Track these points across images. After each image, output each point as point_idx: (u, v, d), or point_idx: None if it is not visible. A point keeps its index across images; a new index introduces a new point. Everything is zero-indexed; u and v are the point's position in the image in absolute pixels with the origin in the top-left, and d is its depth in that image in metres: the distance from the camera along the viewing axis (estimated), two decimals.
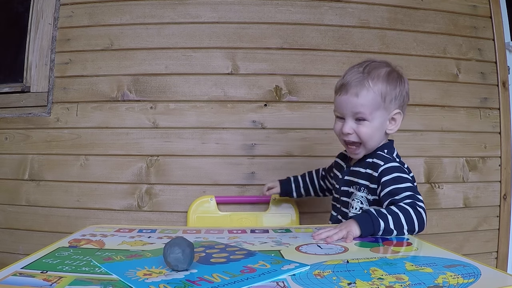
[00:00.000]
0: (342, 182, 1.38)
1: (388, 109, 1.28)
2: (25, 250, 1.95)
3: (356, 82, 1.25)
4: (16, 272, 0.71)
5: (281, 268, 0.72)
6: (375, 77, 1.26)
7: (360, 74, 1.26)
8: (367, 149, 1.31)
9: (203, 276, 0.68)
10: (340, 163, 1.47)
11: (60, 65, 2.02)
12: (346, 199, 1.34)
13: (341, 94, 1.28)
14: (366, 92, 1.24)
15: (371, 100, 1.25)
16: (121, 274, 0.69)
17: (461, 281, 0.66)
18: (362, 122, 1.26)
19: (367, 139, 1.28)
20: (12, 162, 2.00)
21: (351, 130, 1.27)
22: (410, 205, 1.13)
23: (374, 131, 1.28)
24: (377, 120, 1.27)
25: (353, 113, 1.26)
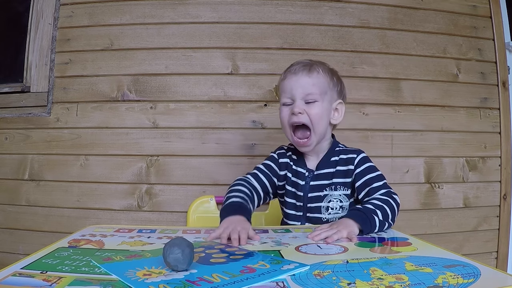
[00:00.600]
0: (308, 188, 1.30)
1: (333, 97, 1.31)
2: (25, 250, 1.95)
3: (306, 66, 1.28)
4: (16, 273, 0.71)
5: (281, 268, 0.72)
6: (322, 66, 1.31)
7: (308, 61, 1.31)
8: (317, 136, 1.28)
9: (203, 276, 0.68)
10: (297, 169, 1.34)
11: (60, 65, 2.02)
12: (317, 204, 1.28)
13: (289, 77, 1.28)
14: (317, 74, 1.27)
15: (321, 82, 1.27)
16: (121, 274, 0.69)
17: (461, 281, 0.66)
18: (313, 103, 1.26)
19: (318, 120, 1.26)
20: (12, 162, 2.00)
21: (302, 110, 1.25)
22: (388, 196, 1.21)
23: (323, 113, 1.28)
24: (325, 103, 1.28)
25: (304, 93, 1.25)
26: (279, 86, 1.34)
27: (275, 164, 1.37)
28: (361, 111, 2.03)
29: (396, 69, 2.07)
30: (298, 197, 1.31)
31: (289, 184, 1.34)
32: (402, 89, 2.07)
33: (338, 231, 1.00)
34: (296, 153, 1.37)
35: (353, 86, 2.03)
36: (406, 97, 2.07)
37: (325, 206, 1.28)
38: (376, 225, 1.09)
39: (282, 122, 1.30)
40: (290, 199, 1.33)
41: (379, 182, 1.25)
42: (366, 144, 2.02)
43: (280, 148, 1.41)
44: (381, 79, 2.05)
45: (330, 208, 1.28)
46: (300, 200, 1.31)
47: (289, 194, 1.34)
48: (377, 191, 1.23)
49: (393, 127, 2.05)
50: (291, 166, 1.35)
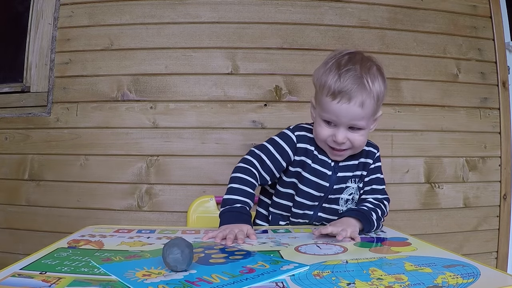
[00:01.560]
0: (334, 180, 1.23)
1: (378, 111, 1.21)
2: (25, 250, 1.95)
3: (359, 89, 1.11)
4: (15, 273, 0.71)
5: (280, 268, 0.72)
6: (373, 79, 1.13)
7: (360, 79, 1.11)
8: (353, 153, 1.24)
9: (202, 277, 0.68)
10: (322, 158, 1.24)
11: (60, 65, 2.02)
12: (337, 195, 1.25)
13: (341, 101, 1.11)
14: (370, 101, 1.12)
15: (372, 109, 1.14)
16: (120, 275, 0.69)
17: (461, 281, 0.66)
18: (358, 130, 1.16)
19: (360, 146, 1.20)
20: (12, 162, 2.00)
21: (345, 139, 1.16)
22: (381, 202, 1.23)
23: (366, 137, 1.21)
24: (370, 126, 1.21)
25: (353, 123, 1.14)
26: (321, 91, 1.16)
27: (290, 146, 1.24)
28: None
29: (396, 69, 2.06)
30: (321, 187, 1.23)
31: (308, 171, 1.22)
32: (402, 89, 2.07)
33: (342, 231, 0.99)
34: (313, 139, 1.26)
35: None
36: (406, 97, 2.07)
37: (344, 198, 1.25)
38: (374, 225, 1.11)
39: (319, 137, 1.20)
40: (309, 188, 1.23)
41: (381, 186, 1.27)
42: None
43: (300, 129, 1.27)
44: None
45: (350, 200, 1.26)
46: (322, 190, 1.23)
47: (309, 182, 1.23)
48: (376, 194, 1.25)
49: (393, 127, 2.05)
50: (312, 153, 1.23)
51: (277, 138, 1.26)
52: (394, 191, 2.03)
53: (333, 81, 1.12)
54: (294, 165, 1.24)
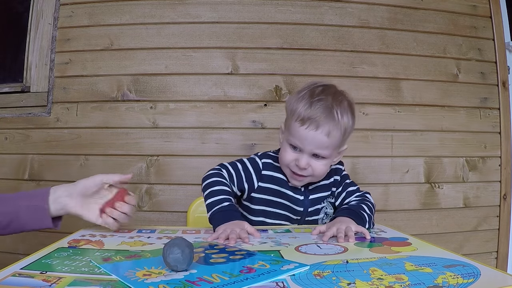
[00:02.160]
0: (307, 203, 1.27)
1: (343, 144, 1.23)
2: (25, 250, 1.94)
3: (328, 119, 1.14)
4: (16, 273, 0.71)
5: (281, 268, 0.72)
6: (343, 113, 1.16)
7: (330, 109, 1.14)
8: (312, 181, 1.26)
9: (203, 277, 0.68)
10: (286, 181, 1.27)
11: (60, 65, 2.02)
12: (315, 217, 1.29)
13: (308, 128, 1.13)
14: (336, 132, 1.15)
15: (337, 141, 1.17)
16: (121, 275, 0.69)
17: (461, 281, 0.66)
18: (321, 159, 1.18)
19: (320, 175, 1.22)
20: (12, 162, 2.00)
21: (307, 165, 1.17)
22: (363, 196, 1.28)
23: (328, 167, 1.22)
24: (333, 156, 1.22)
25: (316, 151, 1.16)
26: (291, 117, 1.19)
27: (256, 171, 1.27)
28: (361, 111, 2.03)
29: (396, 69, 2.07)
30: (296, 212, 1.26)
31: (281, 197, 1.26)
32: (402, 89, 2.07)
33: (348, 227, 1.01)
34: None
35: (353, 86, 2.03)
36: (406, 97, 2.07)
37: (321, 218, 1.30)
38: (366, 219, 1.14)
39: (282, 161, 1.22)
40: (284, 211, 1.27)
41: (354, 187, 1.31)
42: (366, 144, 2.03)
43: (267, 156, 1.31)
44: (381, 79, 2.05)
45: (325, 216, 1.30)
46: (298, 214, 1.27)
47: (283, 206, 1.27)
48: (353, 194, 1.29)
49: (393, 127, 2.05)
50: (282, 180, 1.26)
51: (246, 160, 1.30)
52: (394, 191, 2.04)
53: (304, 108, 1.15)
54: (260, 192, 1.27)
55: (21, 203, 1.03)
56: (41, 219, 1.05)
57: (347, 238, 0.98)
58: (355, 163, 2.02)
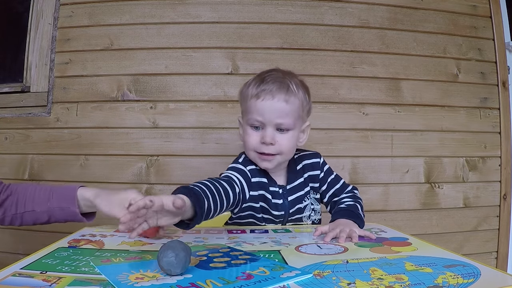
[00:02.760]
0: (287, 205, 1.23)
1: (303, 119, 1.21)
2: (25, 250, 1.94)
3: (283, 87, 1.13)
4: (16, 273, 0.71)
5: (281, 275, 0.70)
6: (297, 84, 1.16)
7: (283, 79, 1.15)
8: (283, 161, 1.21)
9: (195, 282, 0.66)
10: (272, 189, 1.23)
11: (60, 65, 2.02)
12: (298, 215, 1.26)
13: (264, 99, 1.12)
14: (294, 98, 1.14)
15: (297, 109, 1.15)
16: (112, 277, 0.68)
17: (461, 281, 0.66)
18: (286, 132, 1.15)
19: (288, 151, 1.18)
20: (12, 162, 2.00)
21: (274, 140, 1.14)
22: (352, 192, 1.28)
23: (294, 142, 1.19)
24: (297, 130, 1.19)
25: (278, 122, 1.14)
26: (245, 101, 1.18)
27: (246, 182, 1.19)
28: (361, 111, 2.03)
29: (396, 69, 2.07)
30: (277, 216, 1.23)
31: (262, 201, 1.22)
32: (402, 89, 2.07)
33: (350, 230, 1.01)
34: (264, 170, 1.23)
35: (353, 86, 2.03)
36: (406, 97, 2.07)
37: (306, 215, 1.28)
38: (363, 217, 1.15)
39: (247, 146, 1.18)
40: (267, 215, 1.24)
41: (340, 183, 1.29)
42: (366, 144, 2.03)
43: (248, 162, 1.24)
44: (381, 79, 2.05)
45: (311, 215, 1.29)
46: (281, 217, 1.24)
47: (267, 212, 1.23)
48: (342, 191, 1.28)
49: (393, 127, 2.05)
50: (267, 185, 1.22)
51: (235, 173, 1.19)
52: (394, 191, 2.04)
53: (256, 86, 1.15)
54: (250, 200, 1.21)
55: (54, 205, 1.14)
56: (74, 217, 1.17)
57: (350, 239, 0.98)
58: (355, 163, 2.02)
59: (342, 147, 2.01)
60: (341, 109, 2.02)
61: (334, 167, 1.97)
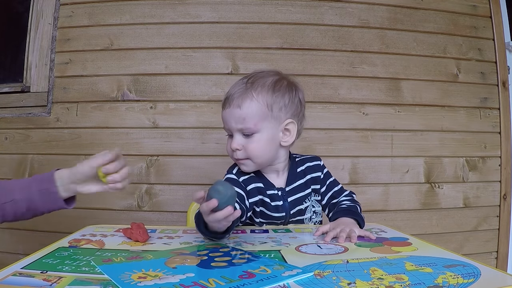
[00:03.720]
0: (287, 207, 1.24)
1: (279, 119, 1.19)
2: (25, 250, 1.94)
3: (239, 94, 1.18)
4: (16, 272, 0.71)
5: (282, 274, 0.71)
6: (259, 87, 1.18)
7: (243, 85, 1.20)
8: (258, 165, 1.22)
9: (198, 281, 0.67)
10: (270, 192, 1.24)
11: (60, 65, 2.02)
12: (299, 217, 1.27)
13: (225, 108, 1.20)
14: (249, 102, 1.16)
15: (256, 111, 1.16)
16: (115, 277, 0.68)
17: (461, 281, 0.66)
18: (251, 137, 1.17)
19: (257, 154, 1.18)
20: (12, 162, 2.00)
21: (240, 146, 1.17)
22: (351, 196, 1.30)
23: (265, 145, 1.18)
24: (266, 132, 1.18)
25: (238, 127, 1.17)
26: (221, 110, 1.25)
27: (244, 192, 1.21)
28: (361, 111, 2.03)
29: (396, 69, 2.07)
30: (278, 218, 1.24)
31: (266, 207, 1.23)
32: (402, 89, 2.07)
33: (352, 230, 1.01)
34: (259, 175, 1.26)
35: (353, 86, 2.03)
36: (406, 97, 2.07)
37: (308, 217, 1.28)
38: (364, 220, 1.15)
39: (227, 152, 1.24)
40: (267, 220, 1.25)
41: (338, 186, 1.32)
42: (366, 144, 2.03)
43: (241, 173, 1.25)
44: (381, 79, 2.05)
45: (313, 215, 1.29)
46: (281, 219, 1.24)
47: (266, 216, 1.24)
48: (341, 194, 1.29)
49: (393, 127, 2.05)
50: (263, 189, 1.24)
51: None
52: (394, 191, 2.04)
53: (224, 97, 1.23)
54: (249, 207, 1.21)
55: (33, 189, 1.11)
56: (54, 202, 1.12)
57: (349, 239, 0.98)
58: (355, 163, 2.02)
59: (342, 147, 2.01)
60: (341, 109, 2.02)
61: (334, 167, 1.99)
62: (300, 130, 1.26)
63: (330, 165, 1.97)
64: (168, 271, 0.72)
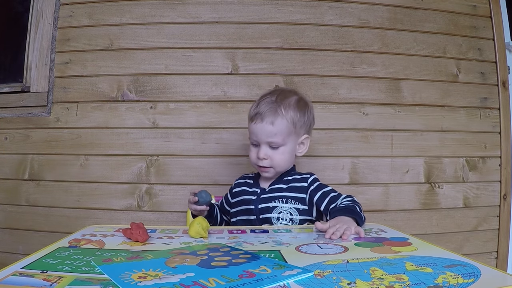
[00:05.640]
0: (259, 201, 1.40)
1: (299, 134, 1.41)
2: (25, 250, 1.95)
3: (271, 111, 1.35)
4: (16, 272, 0.71)
5: (282, 274, 0.71)
6: (287, 106, 1.37)
7: (274, 104, 1.37)
8: (278, 171, 1.43)
9: (198, 281, 0.67)
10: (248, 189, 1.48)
11: (60, 65, 2.02)
12: (267, 215, 1.37)
13: (256, 122, 1.37)
14: (281, 120, 1.35)
15: (285, 128, 1.36)
16: (115, 277, 0.68)
17: (461, 281, 0.66)
18: (276, 149, 1.37)
19: (281, 164, 1.40)
20: (12, 162, 2.00)
21: (266, 156, 1.37)
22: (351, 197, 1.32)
23: (286, 156, 1.40)
24: (289, 145, 1.39)
25: (268, 141, 1.36)
26: (248, 122, 1.43)
27: (230, 191, 1.54)
28: (361, 111, 2.03)
29: (396, 69, 2.07)
30: (249, 211, 1.41)
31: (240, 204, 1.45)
32: (402, 89, 2.07)
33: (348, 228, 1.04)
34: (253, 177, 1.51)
35: (353, 86, 2.03)
36: (406, 97, 2.07)
37: (275, 217, 1.35)
38: (363, 217, 1.19)
39: (250, 160, 1.44)
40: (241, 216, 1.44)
41: (336, 192, 1.37)
42: (366, 144, 2.03)
43: (241, 178, 1.56)
44: (381, 79, 2.05)
45: (281, 218, 1.35)
46: (252, 213, 1.40)
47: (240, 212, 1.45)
48: (339, 197, 1.34)
49: (393, 127, 2.05)
50: (246, 190, 1.47)
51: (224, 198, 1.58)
52: (394, 191, 2.04)
53: (253, 109, 1.41)
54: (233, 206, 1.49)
55: None
56: None
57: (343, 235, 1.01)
58: (355, 163, 2.02)
59: (342, 147, 2.01)
60: (341, 109, 2.03)
61: (334, 167, 2.00)
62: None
63: (330, 165, 1.99)
64: (168, 270, 0.72)
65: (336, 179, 1.99)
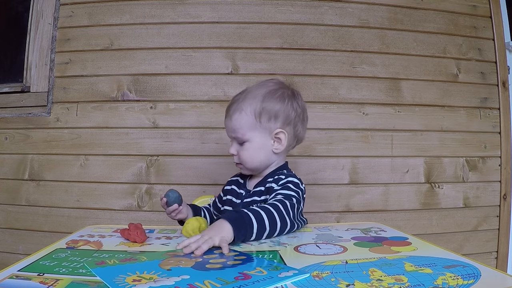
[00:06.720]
0: (241, 205, 1.29)
1: (267, 128, 1.25)
2: (25, 250, 1.95)
3: (232, 105, 1.29)
4: (13, 275, 0.71)
5: (278, 275, 0.70)
6: (250, 98, 1.26)
7: (238, 97, 1.30)
8: (251, 169, 1.31)
9: (194, 283, 0.66)
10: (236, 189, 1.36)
11: (60, 65, 2.02)
12: None
13: (225, 118, 1.31)
14: (238, 115, 1.25)
15: (244, 122, 1.25)
16: (109, 280, 0.68)
17: (461, 282, 0.65)
18: (243, 144, 1.27)
19: (247, 161, 1.28)
20: (12, 162, 2.00)
21: (235, 151, 1.29)
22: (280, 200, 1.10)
23: (255, 152, 1.27)
24: (256, 140, 1.25)
25: (232, 135, 1.29)
26: None
27: (222, 190, 1.46)
28: (361, 111, 2.03)
29: (396, 69, 2.06)
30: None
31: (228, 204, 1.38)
32: (402, 89, 2.06)
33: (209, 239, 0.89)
34: (243, 176, 1.40)
35: (353, 86, 2.03)
36: (406, 97, 2.07)
37: None
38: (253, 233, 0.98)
39: None
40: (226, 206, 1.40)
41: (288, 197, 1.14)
42: (366, 144, 2.02)
43: (234, 175, 1.47)
44: (381, 79, 2.05)
45: None
46: None
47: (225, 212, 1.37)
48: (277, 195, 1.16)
49: (393, 127, 2.05)
50: (234, 190, 1.38)
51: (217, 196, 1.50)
52: (394, 191, 2.03)
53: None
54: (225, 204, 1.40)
55: None
56: None
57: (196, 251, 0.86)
58: (355, 163, 2.01)
59: (342, 147, 2.01)
60: (341, 109, 2.02)
61: (334, 167, 1.99)
62: (299, 135, 1.32)
63: (330, 165, 1.99)
64: (162, 273, 0.71)
65: (336, 179, 1.99)
